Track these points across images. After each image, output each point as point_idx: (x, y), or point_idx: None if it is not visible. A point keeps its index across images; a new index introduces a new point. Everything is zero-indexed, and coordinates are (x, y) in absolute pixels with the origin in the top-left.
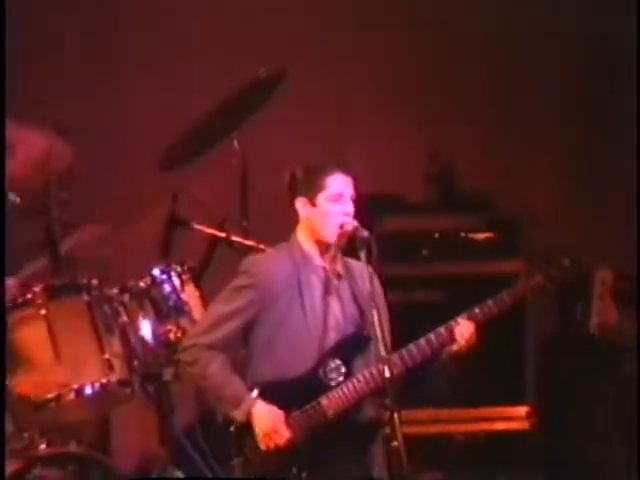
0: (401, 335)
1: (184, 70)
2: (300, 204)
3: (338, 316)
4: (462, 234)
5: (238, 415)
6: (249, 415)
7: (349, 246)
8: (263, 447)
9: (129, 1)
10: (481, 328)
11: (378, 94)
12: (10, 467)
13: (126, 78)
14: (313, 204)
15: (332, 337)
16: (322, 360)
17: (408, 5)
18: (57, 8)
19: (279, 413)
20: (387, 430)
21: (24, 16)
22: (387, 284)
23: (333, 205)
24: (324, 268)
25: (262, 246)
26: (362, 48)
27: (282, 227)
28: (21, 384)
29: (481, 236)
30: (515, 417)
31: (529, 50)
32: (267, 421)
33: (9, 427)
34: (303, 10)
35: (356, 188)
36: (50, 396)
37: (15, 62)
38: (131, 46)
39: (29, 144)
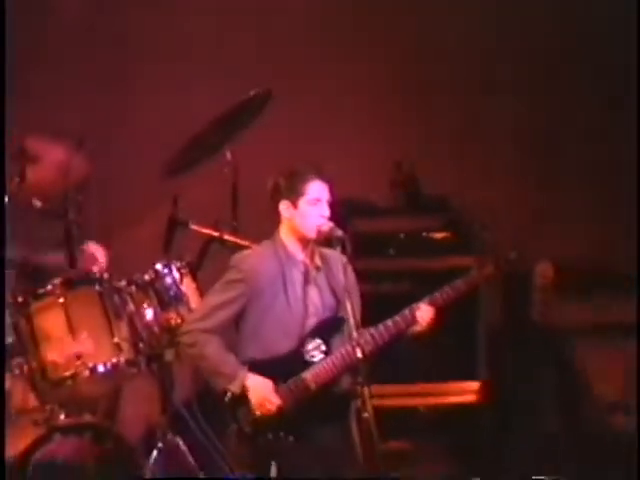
0: (371, 321)
1: (185, 86)
2: (284, 207)
3: (317, 303)
4: (424, 234)
5: (233, 387)
6: (243, 387)
7: (326, 244)
8: (257, 413)
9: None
10: (440, 312)
11: (351, 112)
12: (31, 436)
13: (131, 94)
14: (295, 207)
15: (312, 321)
16: (304, 341)
17: (378, 17)
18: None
19: (270, 383)
20: (359, 403)
21: (24, 23)
22: (359, 277)
23: (312, 208)
24: (304, 262)
25: (249, 243)
26: (334, 65)
27: (267, 226)
28: (42, 363)
29: (440, 235)
30: (469, 391)
31: (485, 57)
32: (260, 390)
33: (33, 401)
34: (284, 30)
35: (332, 193)
36: (67, 374)
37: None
38: (135, 61)
39: (52, 155)
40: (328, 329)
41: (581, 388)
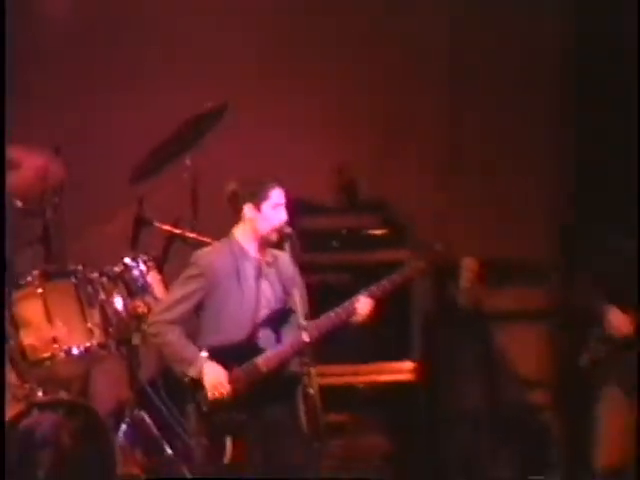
0: (317, 309)
1: (147, 101)
2: (248, 209)
3: (268, 295)
4: (363, 231)
5: (192, 372)
6: (200, 372)
7: (276, 245)
8: (210, 396)
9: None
10: (378, 303)
11: (298, 124)
12: (13, 411)
13: (107, 109)
14: (258, 210)
15: (264, 312)
16: (256, 329)
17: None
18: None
19: (222, 371)
20: (305, 381)
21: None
22: (305, 269)
23: (273, 212)
24: (257, 259)
25: (208, 240)
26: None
27: (224, 225)
28: (22, 346)
29: (377, 232)
30: (403, 371)
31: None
32: (213, 377)
33: (13, 379)
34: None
35: (287, 199)
36: (45, 355)
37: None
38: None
39: (32, 162)
40: (278, 319)
41: (503, 367)
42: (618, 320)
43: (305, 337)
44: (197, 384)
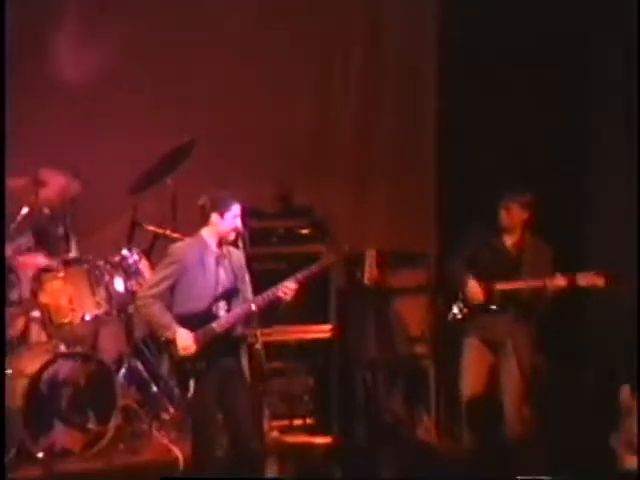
0: (260, 288)
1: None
2: (215, 216)
3: (224, 279)
4: (295, 230)
5: (168, 335)
6: (174, 335)
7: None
8: (180, 353)
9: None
10: (301, 286)
11: (246, 149)
12: (43, 360)
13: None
14: (222, 217)
15: (220, 290)
16: (214, 302)
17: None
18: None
19: (190, 335)
20: (252, 339)
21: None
22: (253, 258)
23: (233, 220)
24: (216, 252)
25: (182, 237)
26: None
27: (193, 227)
28: (49, 315)
29: (305, 231)
30: (324, 331)
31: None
32: (183, 339)
33: (43, 338)
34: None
35: (243, 210)
36: (66, 320)
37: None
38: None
39: (56, 181)
40: (229, 295)
41: (394, 328)
42: (474, 290)
43: (254, 307)
44: (171, 343)
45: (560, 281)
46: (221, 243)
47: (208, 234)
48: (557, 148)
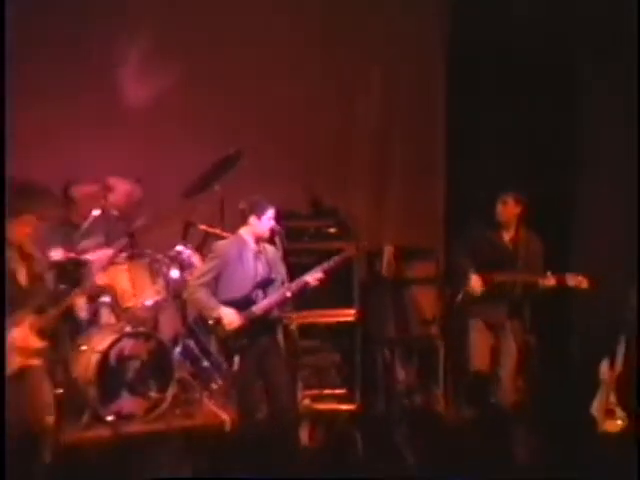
0: (294, 277)
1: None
2: (253, 218)
3: (261, 270)
4: (323, 229)
5: (214, 315)
6: (219, 315)
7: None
8: (227, 327)
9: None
10: (327, 274)
11: (278, 160)
12: (109, 339)
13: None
14: (259, 219)
15: (258, 280)
16: (253, 290)
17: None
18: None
19: (233, 312)
20: (286, 321)
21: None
22: (287, 253)
23: (268, 221)
24: (253, 249)
25: (228, 235)
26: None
27: (236, 226)
28: (117, 300)
29: (332, 230)
30: (348, 315)
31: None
32: (228, 316)
33: (112, 320)
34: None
35: (277, 213)
36: (131, 305)
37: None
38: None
39: (122, 187)
40: (266, 284)
41: (409, 311)
42: (476, 283)
43: (288, 294)
44: (217, 323)
45: (551, 280)
46: (258, 240)
47: (246, 233)
48: (551, 150)
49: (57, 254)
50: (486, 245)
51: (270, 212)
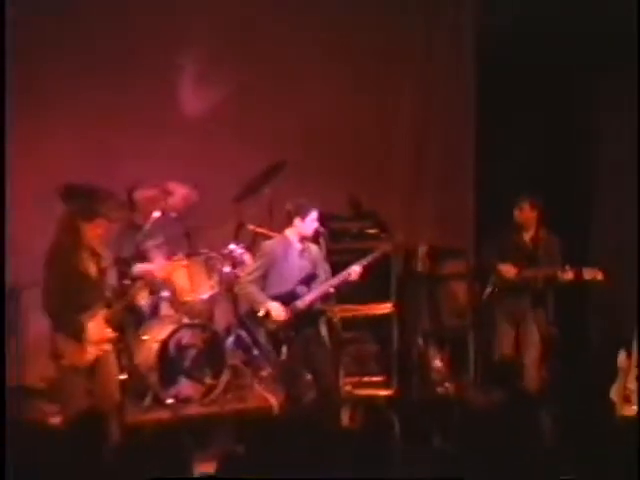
0: (336, 274)
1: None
2: (298, 220)
3: (304, 267)
4: (363, 230)
5: (262, 309)
6: (267, 308)
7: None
8: (274, 319)
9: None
10: (366, 270)
11: (328, 177)
12: (169, 329)
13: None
14: (303, 221)
15: (302, 276)
16: (297, 286)
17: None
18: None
19: (280, 306)
20: (330, 314)
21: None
22: (330, 252)
23: (312, 222)
24: (298, 248)
25: (276, 235)
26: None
27: (282, 227)
28: (176, 294)
29: (371, 231)
30: (386, 307)
31: None
32: (276, 310)
33: (172, 312)
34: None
35: (320, 215)
36: (188, 299)
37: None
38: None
39: (180, 191)
40: (309, 280)
41: (442, 304)
42: (506, 269)
43: (331, 289)
44: (266, 315)
45: (569, 274)
46: (302, 240)
47: (291, 233)
48: (566, 158)
49: (137, 268)
50: (511, 245)
51: (313, 214)
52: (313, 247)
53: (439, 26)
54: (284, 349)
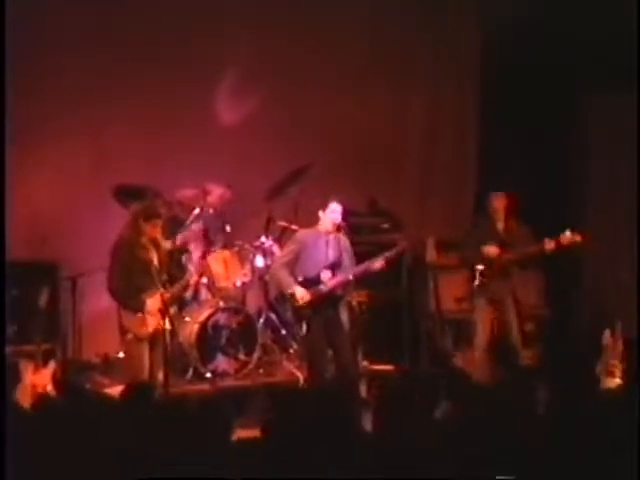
0: (356, 263)
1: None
2: (322, 213)
3: (330, 255)
4: (381, 225)
5: (290, 290)
6: (294, 291)
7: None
8: (300, 301)
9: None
10: (387, 263)
11: (347, 176)
12: (207, 312)
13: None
14: (324, 213)
15: (327, 263)
16: (321, 271)
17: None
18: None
19: (305, 290)
20: (349, 298)
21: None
22: (352, 244)
23: (332, 214)
24: (325, 238)
25: (299, 228)
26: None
27: (307, 222)
28: (213, 280)
29: (385, 225)
30: (398, 293)
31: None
32: (301, 293)
33: (210, 297)
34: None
35: (344, 210)
36: (224, 285)
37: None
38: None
39: (217, 191)
40: (334, 267)
41: (444, 291)
42: (492, 250)
43: (350, 276)
44: (292, 296)
45: (550, 245)
46: (329, 231)
47: (320, 225)
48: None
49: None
50: (485, 235)
51: (332, 206)
52: (342, 237)
53: (446, 27)
54: (304, 326)
